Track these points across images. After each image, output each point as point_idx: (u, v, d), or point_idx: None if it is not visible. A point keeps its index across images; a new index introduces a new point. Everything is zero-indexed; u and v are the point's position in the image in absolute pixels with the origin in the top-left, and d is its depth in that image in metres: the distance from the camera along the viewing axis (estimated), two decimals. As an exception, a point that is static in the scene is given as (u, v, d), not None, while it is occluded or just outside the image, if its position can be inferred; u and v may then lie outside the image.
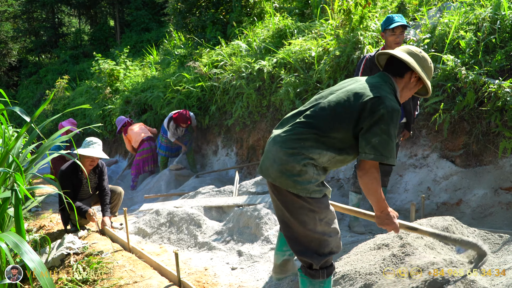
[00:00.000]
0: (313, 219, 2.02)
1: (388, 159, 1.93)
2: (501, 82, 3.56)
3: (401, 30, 3.45)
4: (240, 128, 6.34)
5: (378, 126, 1.90)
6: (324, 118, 2.00)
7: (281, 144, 2.04)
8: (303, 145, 1.99)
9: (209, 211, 4.50)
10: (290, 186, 1.99)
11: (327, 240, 2.05)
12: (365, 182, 2.01)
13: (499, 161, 3.73)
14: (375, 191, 2.02)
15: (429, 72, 2.16)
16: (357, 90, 2.02)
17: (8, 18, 25.25)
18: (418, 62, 2.11)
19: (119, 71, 10.41)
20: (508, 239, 2.81)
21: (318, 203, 2.02)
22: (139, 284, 2.90)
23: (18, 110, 3.11)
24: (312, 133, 1.99)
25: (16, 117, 15.85)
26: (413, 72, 2.12)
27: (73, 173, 4.28)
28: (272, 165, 2.05)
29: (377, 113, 1.91)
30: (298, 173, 1.98)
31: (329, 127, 1.98)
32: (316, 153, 1.98)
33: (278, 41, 6.38)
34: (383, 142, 1.91)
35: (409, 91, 2.16)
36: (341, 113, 1.98)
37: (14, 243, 2.28)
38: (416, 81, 2.14)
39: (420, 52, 2.14)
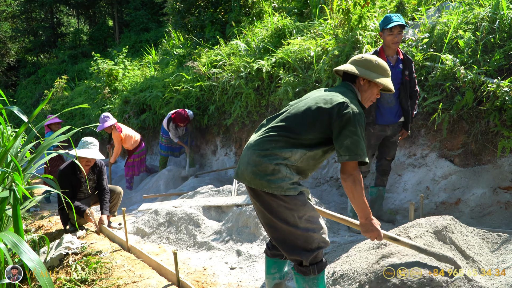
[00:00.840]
0: (292, 217, 2.09)
1: (362, 157, 2.04)
2: (499, 81, 3.57)
3: (399, 29, 3.48)
4: (239, 127, 6.34)
5: (347, 129, 2.04)
6: (295, 122, 2.14)
7: (255, 147, 2.15)
8: (275, 146, 2.10)
9: (208, 210, 4.50)
10: (265, 186, 2.07)
11: (312, 236, 2.11)
12: (349, 185, 2.09)
13: (498, 160, 3.73)
14: (359, 196, 2.10)
15: (378, 69, 2.28)
16: (325, 96, 2.17)
17: (6, 18, 25.22)
18: (360, 66, 2.29)
19: (118, 71, 10.39)
20: (507, 238, 2.81)
21: (294, 200, 2.08)
22: (138, 284, 2.90)
23: (16, 110, 3.10)
24: (284, 136, 2.12)
25: (15, 117, 15.83)
26: (360, 77, 2.29)
27: (72, 172, 4.28)
28: (247, 167, 2.14)
29: (344, 117, 2.05)
30: (271, 172, 2.07)
31: (300, 130, 2.11)
32: (287, 151, 2.08)
33: (277, 41, 6.37)
34: (354, 142, 2.03)
35: (366, 93, 2.31)
36: (311, 118, 2.11)
37: (13, 242, 2.27)
38: (368, 83, 2.29)
39: (362, 57, 2.32)
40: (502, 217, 3.49)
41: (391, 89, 2.31)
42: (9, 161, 3.25)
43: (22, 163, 3.51)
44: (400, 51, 3.66)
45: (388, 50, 3.62)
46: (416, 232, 2.66)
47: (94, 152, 4.28)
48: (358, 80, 2.31)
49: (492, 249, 2.79)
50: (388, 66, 3.73)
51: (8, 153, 3.07)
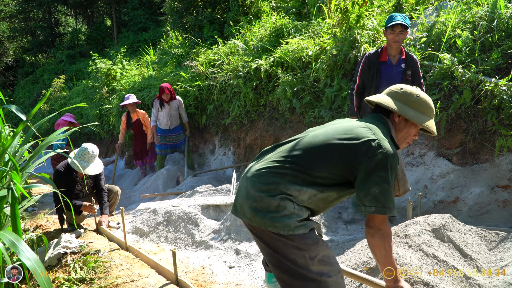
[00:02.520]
0: (302, 258, 1.73)
1: (391, 211, 1.70)
2: (497, 80, 3.58)
3: (401, 29, 3.47)
4: (237, 127, 6.34)
5: (376, 174, 1.67)
6: (309, 155, 1.78)
7: (255, 179, 1.81)
8: (280, 181, 1.75)
9: (206, 210, 4.50)
10: (268, 225, 1.73)
11: (326, 281, 1.73)
12: (376, 243, 1.73)
13: (496, 159, 3.74)
14: (389, 256, 1.75)
15: (419, 106, 1.89)
16: (350, 128, 1.80)
17: (4, 18, 25.16)
18: (397, 99, 1.91)
19: (116, 70, 10.38)
20: (505, 237, 2.82)
21: (304, 240, 1.73)
22: (137, 282, 2.90)
23: (14, 108, 3.10)
24: (292, 169, 1.76)
25: (13, 117, 15.80)
26: (394, 113, 1.91)
27: (68, 173, 4.28)
28: (246, 202, 1.81)
29: (374, 158, 1.68)
30: (275, 209, 1.73)
31: (313, 165, 1.75)
32: (295, 189, 1.74)
33: (275, 40, 6.38)
34: (384, 191, 1.67)
35: (401, 132, 1.93)
36: (329, 152, 1.75)
37: (11, 241, 2.27)
38: (404, 121, 1.91)
39: (401, 88, 1.93)
40: (500, 215, 3.50)
41: (432, 131, 1.91)
42: (7, 160, 3.24)
43: (20, 162, 3.51)
44: (404, 51, 3.64)
45: (390, 49, 3.61)
46: (415, 231, 2.67)
47: (97, 166, 4.29)
48: (392, 116, 1.92)
49: (490, 247, 2.80)
50: (389, 65, 3.75)
51: (6, 152, 3.07)
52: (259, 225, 1.76)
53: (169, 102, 6.62)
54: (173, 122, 6.79)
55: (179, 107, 6.74)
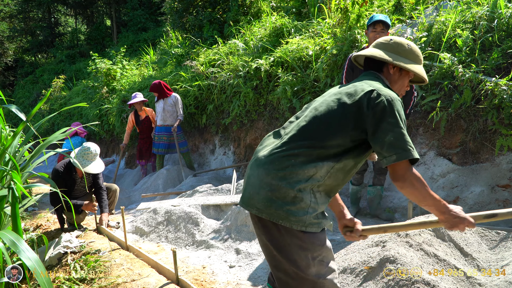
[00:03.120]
0: (305, 258, 1.69)
1: (412, 153, 1.63)
2: (497, 80, 3.58)
3: (382, 27, 3.56)
4: (237, 127, 6.34)
5: (385, 121, 1.64)
6: (315, 128, 1.73)
7: (268, 166, 1.71)
8: (295, 163, 1.67)
9: (206, 209, 4.50)
10: (282, 218, 1.66)
11: (323, 283, 1.72)
12: (410, 192, 1.67)
13: (496, 158, 3.74)
14: (427, 196, 1.68)
15: (410, 55, 1.89)
16: (346, 90, 1.78)
17: (4, 18, 25.14)
18: (389, 50, 1.89)
19: (115, 70, 10.38)
20: (505, 236, 2.82)
21: (312, 239, 1.70)
22: (137, 282, 2.89)
23: (14, 108, 3.10)
24: (304, 147, 1.69)
25: (12, 117, 15.80)
26: (389, 64, 1.89)
27: (67, 172, 4.28)
28: (259, 192, 1.71)
29: (377, 107, 1.65)
30: (292, 200, 1.65)
31: (323, 136, 1.70)
32: (311, 167, 1.67)
33: (275, 40, 6.38)
34: (398, 136, 1.63)
35: (396, 84, 1.91)
36: (334, 118, 1.72)
37: (11, 241, 2.27)
38: (398, 71, 1.89)
39: (391, 39, 1.91)
40: (500, 215, 3.50)
41: (425, 78, 1.91)
42: (7, 160, 3.24)
43: (20, 162, 3.51)
44: None
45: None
46: (415, 230, 2.67)
47: (98, 165, 4.30)
48: (386, 68, 1.90)
49: (490, 246, 2.80)
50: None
51: (7, 152, 3.07)
52: (271, 217, 1.67)
53: (161, 98, 6.63)
54: (168, 118, 6.73)
55: (175, 103, 6.71)
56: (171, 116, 6.72)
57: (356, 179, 4.13)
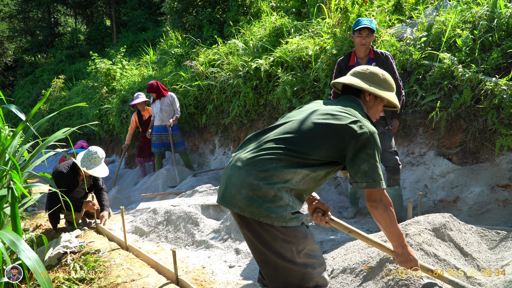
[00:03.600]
0: (289, 251, 1.80)
1: (380, 184, 1.83)
2: (497, 79, 3.58)
3: (367, 32, 3.63)
4: (237, 127, 6.33)
5: (364, 152, 1.81)
6: (301, 139, 1.85)
7: (250, 167, 1.81)
8: (276, 166, 1.79)
9: (206, 209, 4.50)
10: (263, 215, 1.76)
11: (311, 272, 1.82)
12: (381, 214, 1.87)
13: (496, 158, 3.74)
14: (394, 224, 1.89)
15: (384, 84, 2.08)
16: (332, 112, 1.91)
17: (3, 18, 25.12)
18: (365, 79, 2.07)
19: (115, 70, 10.37)
20: (505, 236, 2.82)
21: (294, 232, 1.80)
22: (137, 282, 2.89)
23: (13, 108, 3.10)
24: (286, 153, 1.81)
25: (12, 117, 15.79)
26: (365, 92, 2.07)
27: (71, 174, 4.27)
28: (240, 192, 1.80)
29: (360, 138, 1.81)
30: (272, 199, 1.76)
31: (307, 148, 1.83)
32: (290, 172, 1.79)
33: (275, 40, 6.37)
34: (372, 167, 1.82)
35: (371, 110, 2.10)
36: (319, 135, 1.85)
37: (11, 241, 2.26)
38: (374, 98, 2.09)
39: (367, 69, 2.11)
40: (500, 215, 3.50)
41: (397, 105, 2.11)
42: (7, 160, 3.24)
43: (20, 162, 3.50)
44: (372, 51, 3.76)
45: (358, 51, 3.76)
46: (415, 230, 2.67)
47: (104, 169, 4.31)
48: (363, 95, 2.08)
49: (490, 246, 2.80)
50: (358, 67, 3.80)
51: (6, 151, 3.07)
52: (253, 215, 1.77)
53: (157, 98, 6.60)
54: (166, 118, 6.68)
55: (172, 103, 6.67)
56: (168, 116, 6.68)
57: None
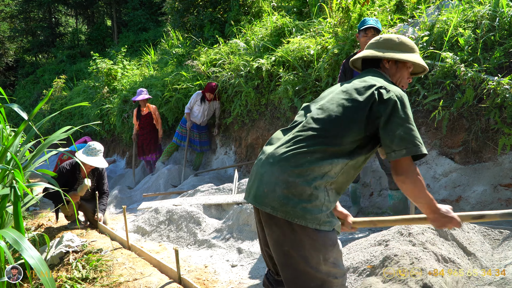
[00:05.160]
0: (316, 257, 1.68)
1: (421, 148, 1.68)
2: (500, 79, 3.57)
3: (373, 32, 3.66)
4: (238, 126, 6.33)
5: (396, 116, 1.67)
6: (330, 125, 1.73)
7: (284, 163, 1.69)
8: (311, 159, 1.67)
9: (208, 209, 4.49)
10: (298, 216, 1.63)
11: (332, 282, 1.71)
12: (411, 188, 1.72)
13: (498, 157, 3.74)
14: (424, 193, 1.74)
15: (402, 47, 1.94)
16: (355, 86, 1.80)
17: (5, 18, 25.16)
18: (380, 47, 1.96)
19: (116, 70, 10.38)
20: (508, 235, 2.82)
21: (325, 239, 1.68)
22: (139, 281, 2.89)
23: (16, 107, 3.10)
24: (319, 144, 1.69)
25: (13, 117, 15.81)
26: (383, 60, 1.95)
27: (71, 171, 4.32)
28: (274, 190, 1.67)
29: (388, 103, 1.69)
30: (308, 198, 1.64)
31: (338, 133, 1.70)
32: (327, 164, 1.67)
33: (277, 40, 6.37)
34: (409, 131, 1.67)
35: (395, 77, 1.95)
36: (347, 115, 1.73)
37: (14, 239, 2.26)
38: (394, 64, 1.94)
39: (380, 37, 1.99)
40: (503, 214, 3.49)
41: (424, 66, 1.95)
42: (9, 159, 3.24)
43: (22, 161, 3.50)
44: None
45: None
46: (418, 229, 2.66)
47: (101, 161, 4.36)
48: (382, 65, 1.96)
49: (493, 245, 2.80)
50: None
51: (8, 150, 3.06)
52: (287, 215, 1.64)
53: (210, 101, 6.55)
54: (206, 121, 6.73)
55: (216, 109, 6.72)
56: (207, 119, 6.75)
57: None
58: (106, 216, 4.43)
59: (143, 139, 7.28)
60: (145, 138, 7.26)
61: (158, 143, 7.45)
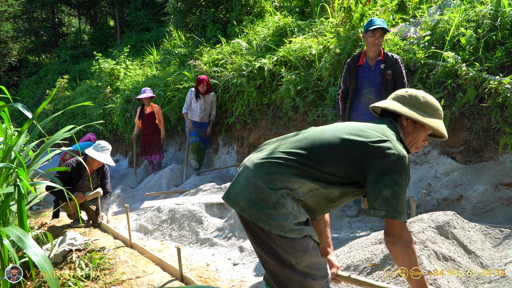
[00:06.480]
0: (288, 260, 1.67)
1: (401, 216, 1.61)
2: (501, 78, 3.58)
3: (381, 32, 3.69)
4: (240, 126, 6.35)
5: (388, 176, 1.60)
6: (318, 150, 1.70)
7: (257, 168, 1.72)
8: (284, 172, 1.67)
9: (210, 208, 4.51)
10: (262, 220, 1.64)
11: (311, 283, 1.68)
12: (399, 252, 1.64)
13: (500, 157, 3.74)
14: (415, 265, 1.65)
15: (426, 108, 1.84)
16: (360, 128, 1.75)
17: (8, 18, 25.28)
18: (404, 103, 1.86)
19: (119, 70, 10.41)
20: (509, 234, 2.82)
21: (292, 244, 1.65)
22: (142, 279, 2.91)
23: (20, 106, 3.12)
24: (298, 162, 1.68)
25: (17, 117, 15.88)
26: (402, 116, 1.86)
27: (77, 168, 4.38)
28: (243, 191, 1.71)
29: (386, 159, 1.62)
30: (273, 205, 1.64)
31: (321, 160, 1.68)
32: (297, 181, 1.66)
33: (279, 39, 6.39)
34: (396, 195, 1.59)
35: (410, 136, 1.86)
36: (339, 149, 1.69)
37: (18, 237, 2.29)
38: (412, 124, 1.85)
39: (406, 91, 1.90)
40: (504, 213, 3.50)
41: (443, 134, 1.83)
42: (13, 158, 3.27)
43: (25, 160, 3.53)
44: (382, 52, 3.82)
45: (369, 51, 3.81)
46: (419, 227, 2.67)
47: (110, 159, 4.44)
48: (400, 120, 1.87)
49: (494, 244, 2.81)
50: (366, 67, 3.86)
51: (12, 149, 3.09)
52: (252, 218, 1.67)
53: (205, 94, 6.50)
54: (206, 116, 6.67)
55: (212, 102, 6.65)
56: (207, 114, 6.69)
57: None
58: (108, 215, 4.47)
59: (146, 139, 7.27)
60: (147, 139, 7.25)
61: (161, 143, 7.45)
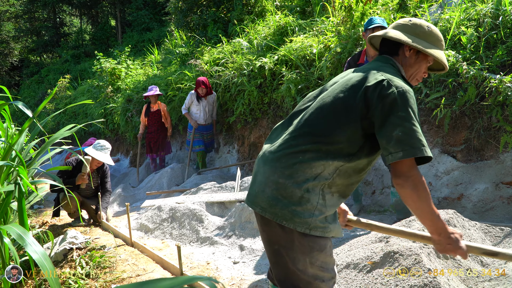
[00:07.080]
0: (303, 260, 1.61)
1: (422, 150, 1.46)
2: (502, 77, 3.57)
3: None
4: (241, 125, 6.35)
5: (395, 115, 1.48)
6: (323, 121, 1.59)
7: (275, 163, 1.60)
8: (303, 159, 1.55)
9: (211, 206, 4.52)
10: (286, 219, 1.56)
11: (319, 285, 1.64)
12: (408, 193, 1.51)
13: (500, 155, 3.74)
14: (427, 205, 1.51)
15: (430, 38, 1.71)
16: (356, 77, 1.61)
17: (9, 18, 25.33)
18: (407, 32, 1.71)
19: (120, 70, 10.43)
20: (509, 232, 2.82)
21: (312, 243, 1.59)
22: (142, 277, 2.92)
23: (20, 104, 3.13)
24: (312, 142, 1.57)
25: (18, 116, 15.91)
26: (405, 46, 1.72)
27: (77, 167, 4.43)
28: (264, 190, 1.61)
29: (387, 99, 1.50)
30: (298, 200, 1.55)
31: (331, 130, 1.56)
32: (319, 165, 1.54)
33: (279, 39, 6.39)
34: (408, 131, 1.47)
35: (412, 68, 1.73)
36: (342, 110, 1.57)
37: (18, 234, 2.29)
38: (415, 54, 1.71)
39: (410, 20, 1.74)
40: (505, 212, 3.49)
41: (445, 65, 1.72)
42: (13, 157, 3.27)
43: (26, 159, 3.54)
44: None
45: (369, 50, 3.77)
46: (419, 226, 2.67)
47: (108, 157, 4.50)
48: (402, 51, 1.72)
49: (494, 242, 2.80)
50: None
51: (13, 148, 3.10)
52: (275, 217, 1.57)
53: (206, 96, 6.46)
54: (209, 117, 6.63)
55: (214, 102, 6.62)
56: (211, 116, 6.66)
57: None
58: (108, 214, 4.49)
59: (151, 137, 7.26)
60: (152, 137, 7.24)
61: (167, 140, 7.45)
